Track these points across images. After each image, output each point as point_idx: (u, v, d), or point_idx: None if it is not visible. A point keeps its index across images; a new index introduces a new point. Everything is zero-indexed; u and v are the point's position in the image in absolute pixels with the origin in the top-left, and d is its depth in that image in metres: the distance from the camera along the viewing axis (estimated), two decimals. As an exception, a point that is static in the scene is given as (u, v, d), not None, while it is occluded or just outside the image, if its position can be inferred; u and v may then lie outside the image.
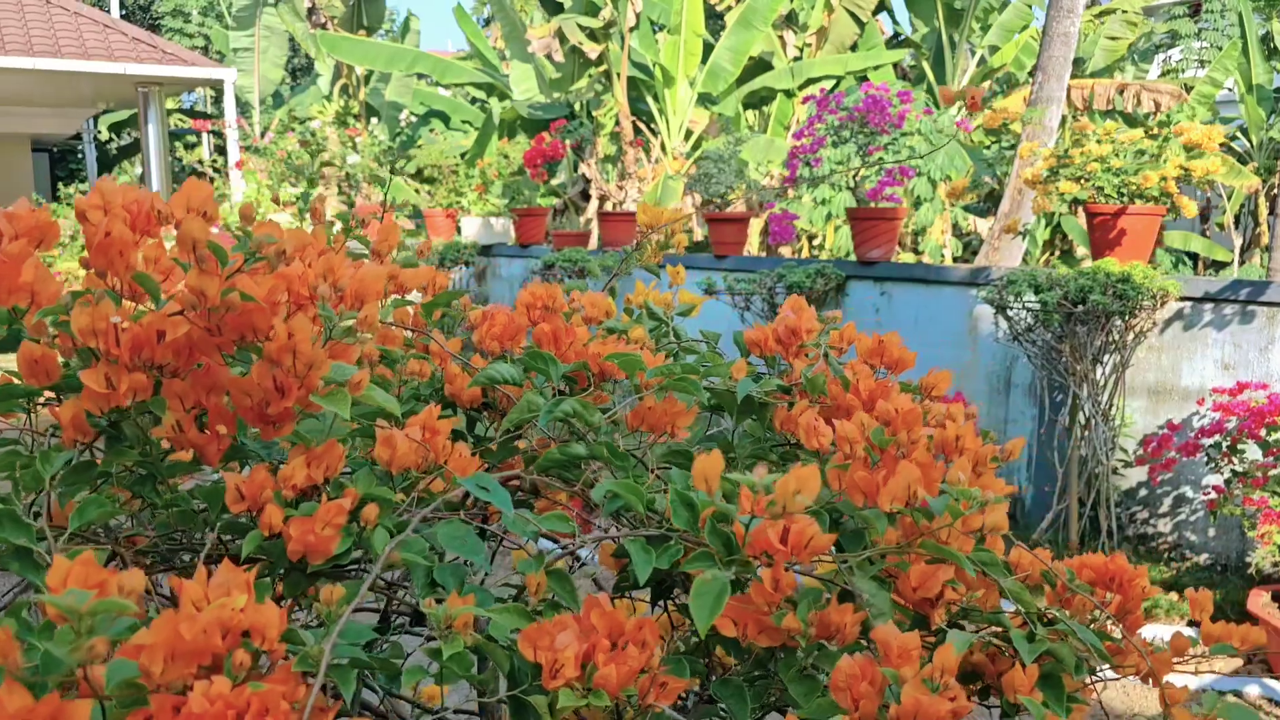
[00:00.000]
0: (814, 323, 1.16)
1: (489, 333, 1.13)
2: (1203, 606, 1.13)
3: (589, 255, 7.23)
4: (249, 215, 1.04)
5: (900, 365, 1.12)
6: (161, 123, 11.29)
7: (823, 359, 1.17)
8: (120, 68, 10.65)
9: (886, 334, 1.13)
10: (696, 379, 1.04)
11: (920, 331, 5.93)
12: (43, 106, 13.00)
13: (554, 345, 1.13)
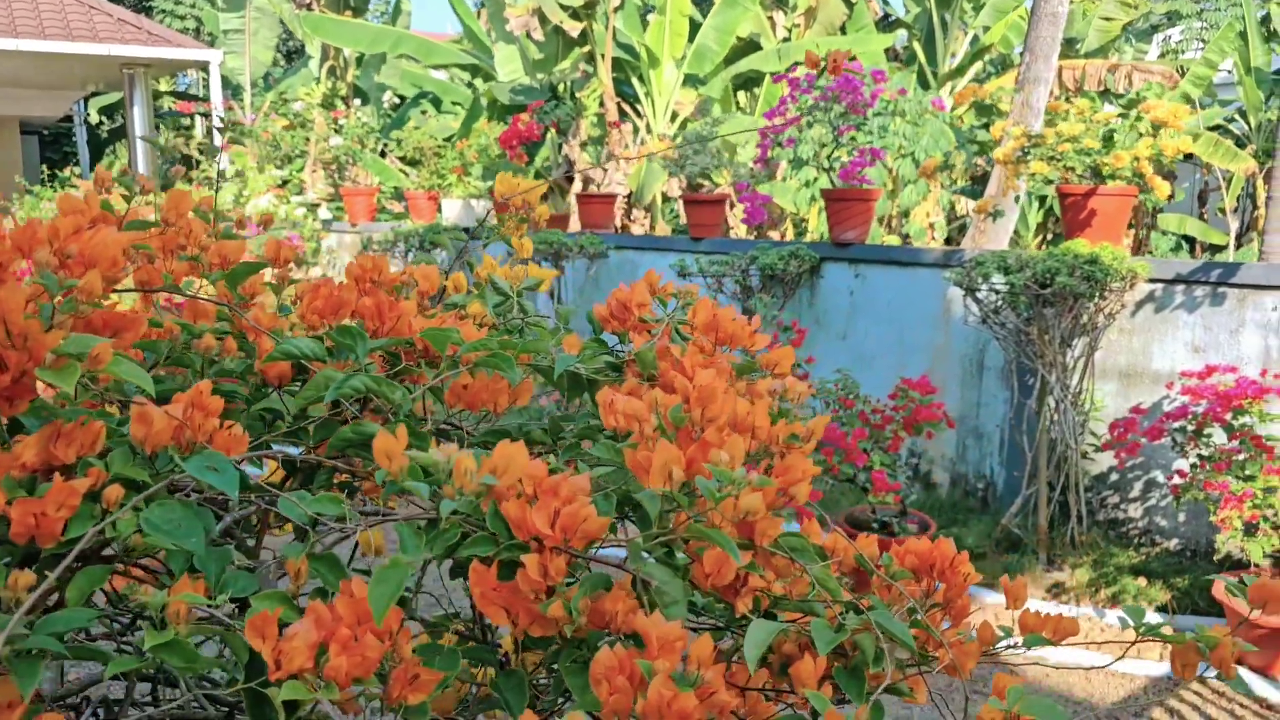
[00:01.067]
0: (645, 296, 1.11)
1: (311, 306, 1.08)
2: (1015, 595, 1.08)
3: (565, 237, 7.18)
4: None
5: (735, 340, 1.07)
6: (147, 105, 11.23)
7: (671, 335, 1.13)
8: (105, 49, 10.58)
9: (721, 309, 1.08)
10: (512, 355, 0.99)
11: (895, 314, 5.87)
12: (30, 88, 12.94)
13: (377, 320, 1.09)
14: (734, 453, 0.77)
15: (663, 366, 1.04)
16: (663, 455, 0.76)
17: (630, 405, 0.85)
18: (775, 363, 1.11)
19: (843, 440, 4.46)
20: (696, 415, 0.84)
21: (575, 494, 0.81)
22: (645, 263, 7.42)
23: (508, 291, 1.20)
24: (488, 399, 1.04)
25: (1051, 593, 4.72)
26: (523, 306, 1.21)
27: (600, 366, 1.05)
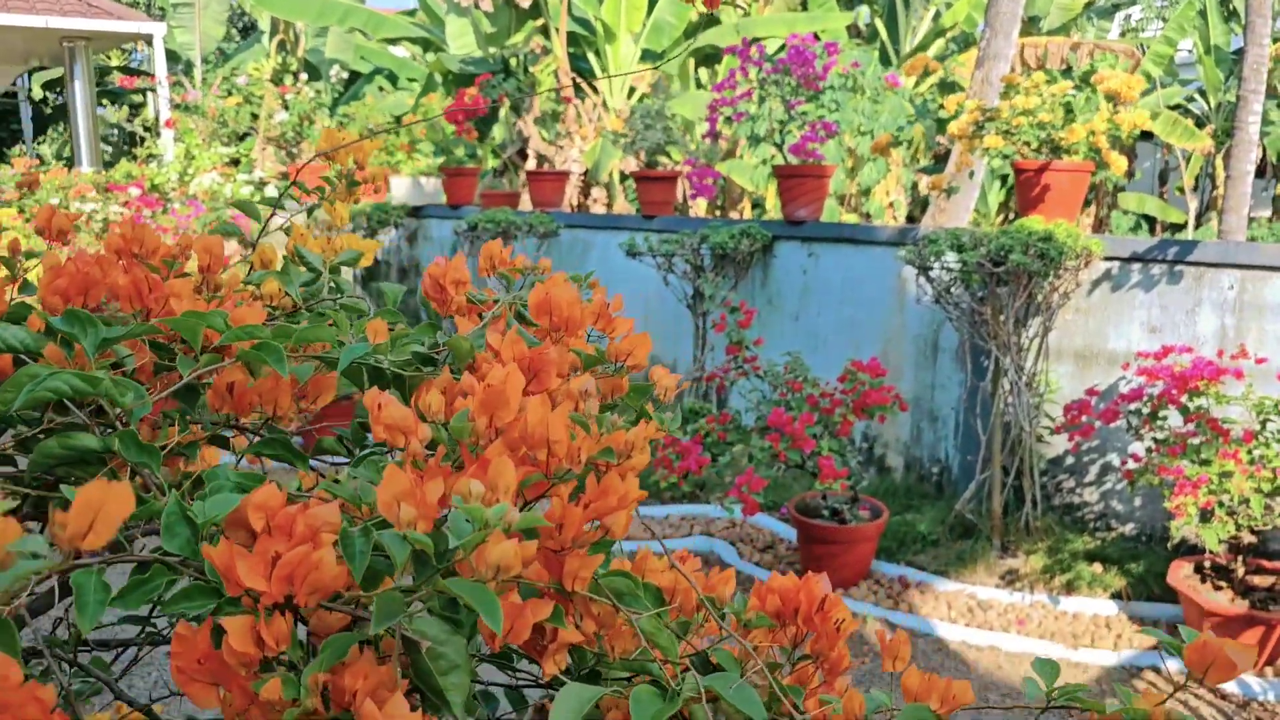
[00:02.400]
0: (462, 271, 0.92)
1: (52, 286, 0.88)
2: (894, 653, 0.91)
3: (514, 215, 6.96)
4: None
5: (573, 324, 0.89)
6: (88, 80, 10.85)
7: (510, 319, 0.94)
8: (41, 20, 10.20)
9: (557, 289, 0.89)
10: (282, 346, 0.80)
11: (849, 293, 5.72)
12: (-34, 62, 12.51)
13: (136, 301, 0.89)
14: (499, 480, 0.58)
15: (480, 360, 0.85)
16: (390, 487, 0.57)
17: (394, 414, 0.66)
18: (627, 352, 0.92)
19: (789, 425, 4.30)
20: (481, 425, 0.66)
21: (314, 532, 0.62)
22: (597, 242, 7.22)
23: (318, 267, 1.01)
24: (264, 400, 0.85)
25: (1005, 580, 4.59)
26: (337, 285, 1.02)
27: (407, 359, 0.86)
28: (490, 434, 0.66)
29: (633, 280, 6.85)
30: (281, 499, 0.65)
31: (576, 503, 0.66)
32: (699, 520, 5.37)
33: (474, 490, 0.57)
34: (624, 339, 0.92)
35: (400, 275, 8.88)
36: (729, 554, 4.99)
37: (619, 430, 0.68)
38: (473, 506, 0.55)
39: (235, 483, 0.72)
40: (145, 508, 0.69)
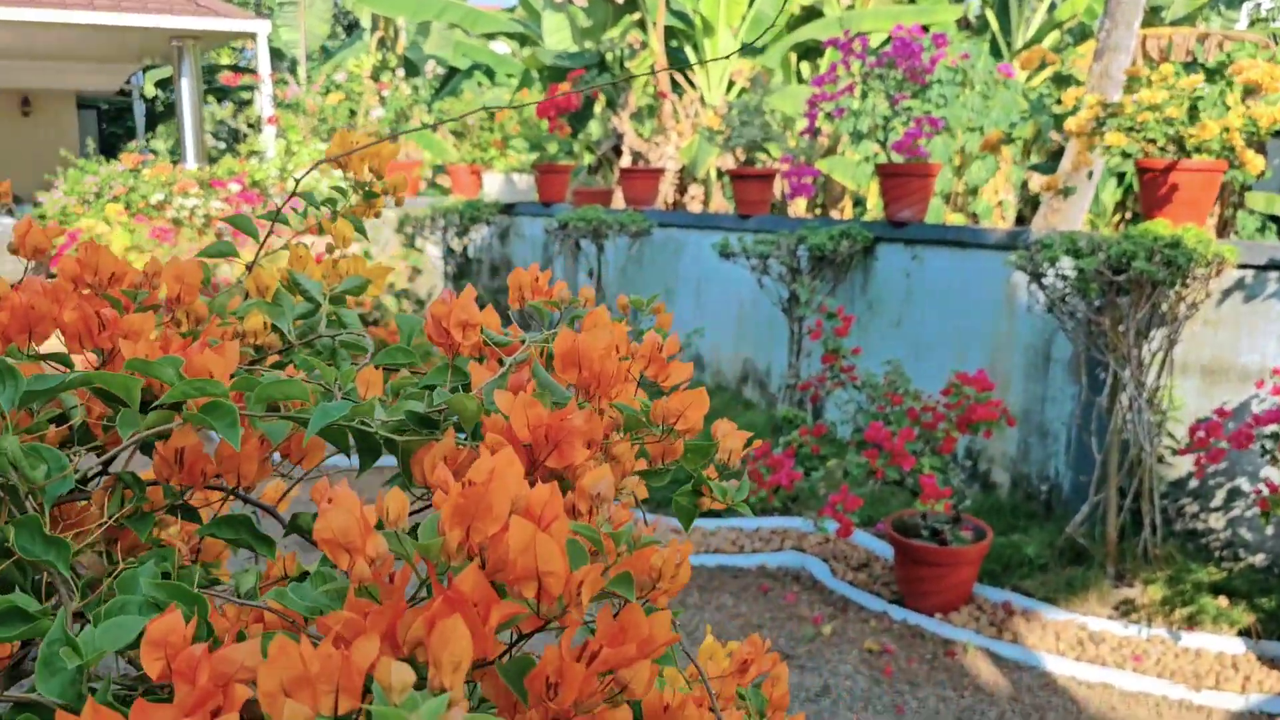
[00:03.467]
0: (470, 311, 0.74)
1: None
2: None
3: (606, 213, 6.81)
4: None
5: (605, 381, 0.70)
6: (196, 78, 11.08)
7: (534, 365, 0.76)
8: (154, 20, 10.44)
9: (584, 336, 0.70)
10: (230, 401, 0.63)
11: (955, 299, 5.41)
12: (84, 61, 12.91)
13: (87, 341, 0.74)
14: (442, 654, 0.39)
15: (486, 424, 0.67)
16: (274, 672, 0.38)
17: (336, 522, 0.49)
18: (678, 413, 0.74)
19: (888, 440, 4.04)
20: (453, 543, 0.48)
21: (220, 685, 0.45)
22: (690, 241, 7.03)
23: (316, 296, 0.85)
24: (224, 468, 0.69)
25: (1120, 611, 4.26)
26: (339, 318, 0.85)
27: (400, 419, 0.69)
28: (465, 554, 0.49)
29: (726, 282, 6.65)
30: (184, 634, 0.48)
31: (581, 651, 0.48)
32: (791, 534, 5.14)
33: (396, 681, 0.39)
34: (675, 396, 0.73)
35: (491, 273, 8.82)
36: (821, 571, 4.76)
37: (647, 547, 0.50)
38: (389, 712, 0.37)
39: (146, 599, 0.55)
40: (31, 626, 0.53)
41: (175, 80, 11.00)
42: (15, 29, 10.57)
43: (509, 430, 0.65)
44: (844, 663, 3.99)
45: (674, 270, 7.17)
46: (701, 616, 4.35)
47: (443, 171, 10.62)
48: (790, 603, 4.48)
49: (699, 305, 7.00)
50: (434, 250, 9.10)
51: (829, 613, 4.40)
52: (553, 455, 0.66)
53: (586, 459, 0.67)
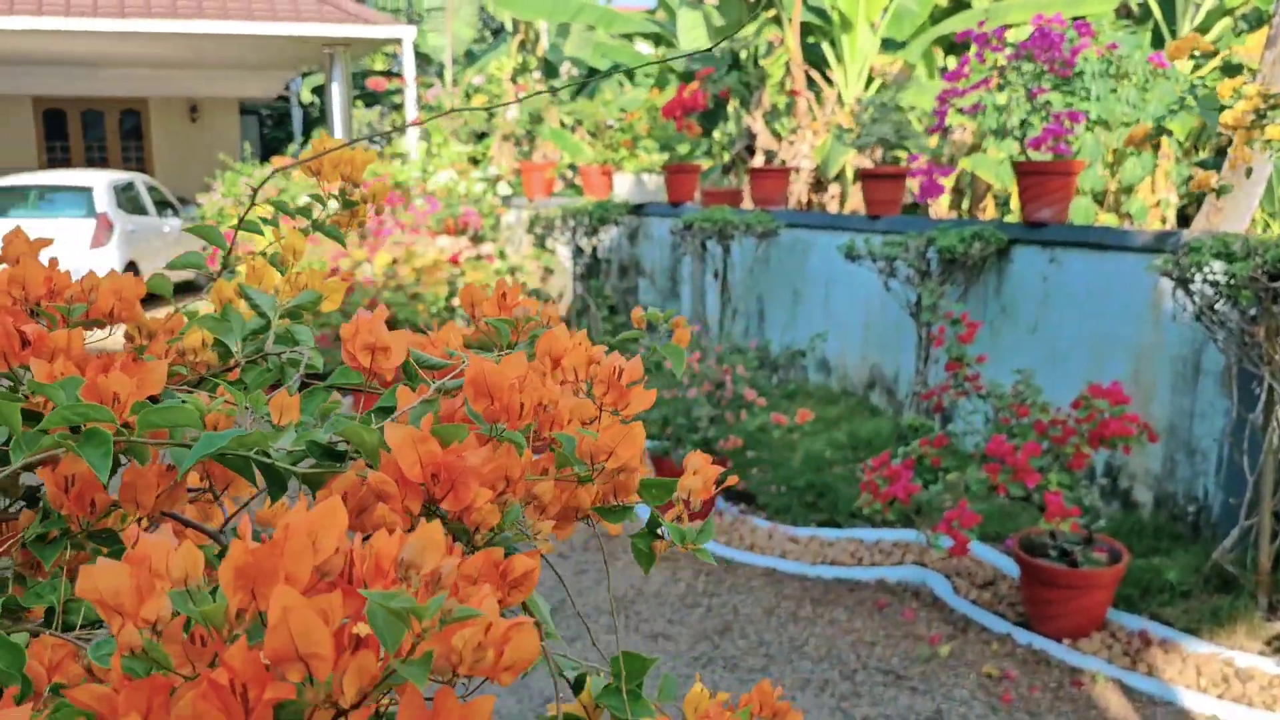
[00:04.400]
0: (376, 333, 0.67)
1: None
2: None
3: (732, 214, 6.71)
4: None
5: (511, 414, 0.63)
6: (346, 83, 11.51)
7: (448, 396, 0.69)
8: (308, 29, 10.90)
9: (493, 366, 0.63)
10: (105, 429, 0.59)
11: (1095, 304, 5.10)
12: (244, 69, 13.60)
13: (13, 359, 0.72)
14: None
15: (385, 460, 0.61)
16: None
17: (105, 582, 0.43)
18: (607, 450, 0.66)
19: (1011, 455, 3.82)
20: (232, 610, 0.41)
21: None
22: (818, 242, 6.86)
23: (266, 312, 0.80)
24: (124, 496, 0.65)
25: (1272, 647, 3.92)
26: (291, 334, 0.81)
27: (301, 451, 0.64)
28: (243, 623, 0.43)
29: (854, 284, 6.46)
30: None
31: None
32: (913, 548, 4.94)
33: None
34: (605, 431, 0.65)
35: (620, 274, 8.83)
36: (943, 588, 4.55)
37: (456, 622, 0.42)
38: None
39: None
40: None
41: (327, 86, 11.44)
42: (185, 40, 11.20)
43: (398, 469, 0.59)
44: (960, 686, 3.79)
45: (801, 272, 7.01)
46: (811, 631, 4.22)
47: (576, 172, 10.71)
48: (907, 620, 4.29)
49: (827, 308, 6.82)
50: (564, 251, 9.19)
51: (948, 632, 4.20)
52: (448, 497, 0.60)
53: (487, 500, 0.60)
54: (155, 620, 0.43)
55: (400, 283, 7.93)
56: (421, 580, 0.44)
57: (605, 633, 4.21)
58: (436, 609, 0.42)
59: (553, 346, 0.75)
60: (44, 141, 16.01)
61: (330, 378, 0.80)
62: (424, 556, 0.44)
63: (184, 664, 0.46)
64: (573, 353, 0.75)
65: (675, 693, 0.91)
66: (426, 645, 0.42)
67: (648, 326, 1.06)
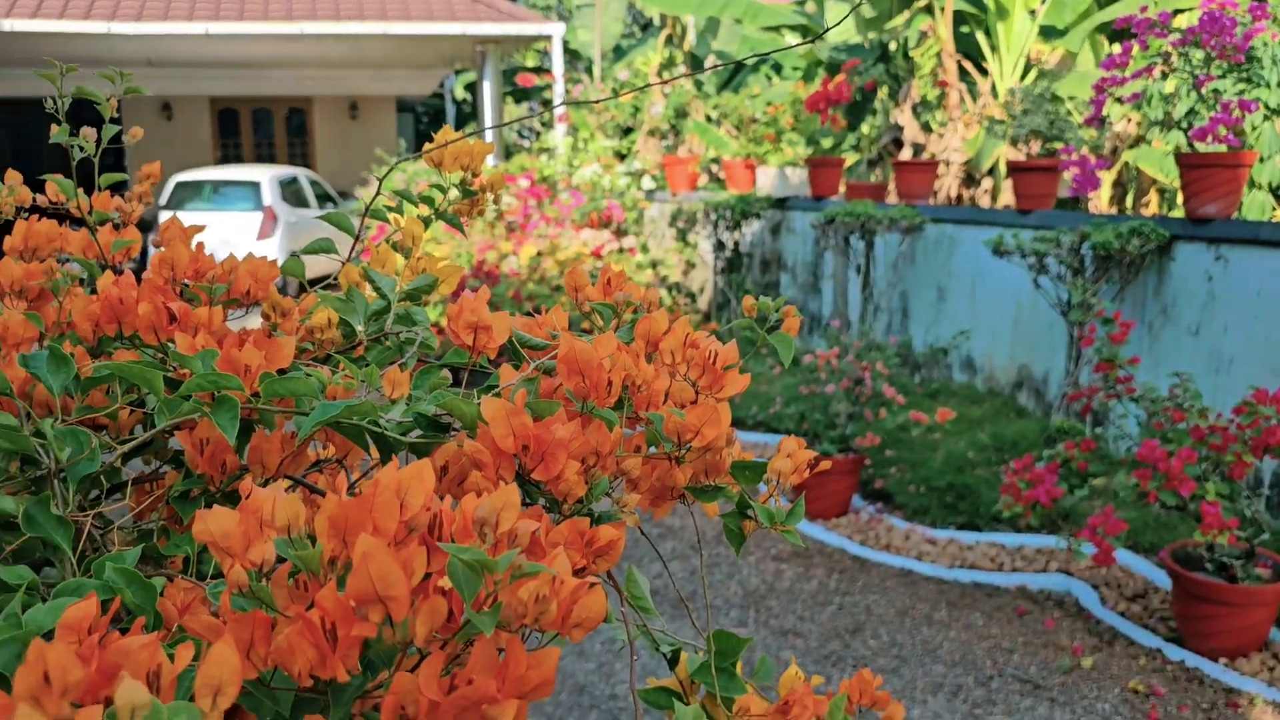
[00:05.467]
0: (478, 313, 0.71)
1: (86, 311, 0.80)
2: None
3: (875, 209, 6.59)
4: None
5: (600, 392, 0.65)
6: (496, 80, 11.82)
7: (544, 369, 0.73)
8: (460, 28, 11.24)
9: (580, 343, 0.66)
10: (234, 396, 0.65)
11: (1266, 307, 4.80)
12: (401, 68, 14.12)
13: (163, 333, 0.79)
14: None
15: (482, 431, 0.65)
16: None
17: (217, 525, 0.48)
18: (694, 429, 0.68)
19: (1164, 461, 3.65)
20: (324, 555, 0.45)
21: (107, 675, 0.46)
22: (964, 238, 6.68)
23: (387, 294, 0.85)
24: (252, 459, 0.71)
25: None
26: (409, 316, 0.85)
27: (409, 423, 0.68)
28: (339, 568, 0.47)
29: (1002, 281, 6.26)
30: (94, 621, 0.50)
31: (450, 682, 0.45)
32: (1058, 555, 4.77)
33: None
34: (691, 410, 0.67)
35: (763, 268, 8.80)
36: (1088, 598, 4.37)
37: (524, 578, 0.45)
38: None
39: (106, 582, 0.57)
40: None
41: (478, 82, 11.78)
42: (347, 41, 11.72)
43: (492, 440, 0.63)
44: (1103, 701, 3.65)
45: (946, 268, 6.84)
46: (946, 635, 4.13)
47: (720, 166, 10.71)
48: (1048, 629, 4.15)
49: (973, 305, 6.64)
50: (706, 245, 9.21)
51: (1092, 644, 4.04)
52: (539, 468, 0.63)
53: (575, 472, 0.63)
54: (261, 563, 0.48)
55: (544, 275, 8.10)
56: (496, 538, 0.47)
57: (735, 626, 4.22)
58: (507, 563, 0.45)
59: (651, 329, 0.78)
60: (218, 139, 17.03)
61: (444, 357, 0.85)
62: (498, 515, 0.47)
63: (288, 605, 0.51)
64: (671, 336, 0.77)
65: (771, 674, 0.92)
66: (499, 597, 0.45)
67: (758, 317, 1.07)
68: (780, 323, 1.03)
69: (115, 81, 1.15)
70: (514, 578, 0.45)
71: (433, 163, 0.94)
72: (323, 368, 0.82)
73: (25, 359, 0.70)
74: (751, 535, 0.82)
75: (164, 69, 13.85)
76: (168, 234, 0.98)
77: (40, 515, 0.62)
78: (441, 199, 0.96)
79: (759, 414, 6.57)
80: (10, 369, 0.72)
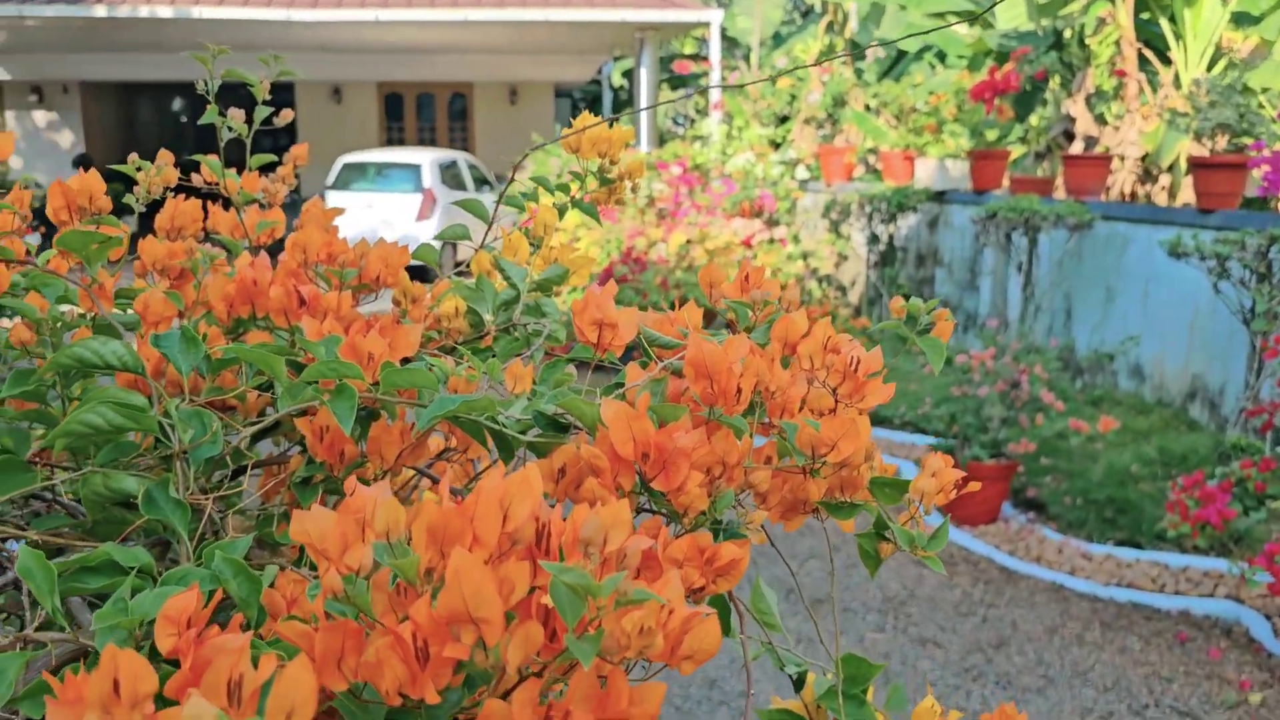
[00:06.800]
0: (604, 310, 0.67)
1: (222, 293, 0.80)
2: None
3: (1041, 204, 6.30)
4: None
5: (728, 398, 0.60)
6: (653, 67, 11.84)
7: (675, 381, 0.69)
8: (621, 14, 11.30)
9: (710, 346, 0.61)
10: (353, 386, 0.63)
11: None
12: (561, 54, 14.30)
13: (293, 316, 0.78)
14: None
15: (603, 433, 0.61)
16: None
17: (315, 526, 0.45)
18: (830, 443, 0.63)
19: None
20: (420, 566, 0.41)
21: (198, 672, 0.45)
22: (1138, 237, 6.31)
23: (517, 284, 0.83)
24: (370, 450, 0.69)
25: None
26: (539, 307, 0.83)
27: (529, 420, 0.65)
28: (434, 580, 0.44)
29: (1177, 284, 5.89)
30: (193, 614, 0.48)
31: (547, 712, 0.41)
32: (1227, 580, 4.45)
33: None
34: (828, 422, 0.62)
35: (917, 262, 8.54)
36: (1261, 629, 4.07)
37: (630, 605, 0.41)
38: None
39: (212, 572, 0.56)
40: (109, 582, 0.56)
41: (635, 69, 11.82)
42: (509, 28, 11.95)
43: (610, 445, 0.59)
44: (1271, 740, 3.39)
45: (1116, 268, 6.47)
46: (1098, 657, 3.91)
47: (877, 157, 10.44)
48: (1213, 659, 3.88)
49: (1144, 309, 6.26)
50: (859, 237, 9.00)
51: (1262, 679, 3.75)
52: (659, 477, 0.59)
53: (697, 484, 0.59)
54: (358, 568, 0.46)
55: (692, 263, 8.07)
56: (604, 556, 0.44)
57: (872, 631, 4.11)
58: (612, 588, 0.42)
59: (789, 331, 0.73)
60: (384, 122, 17.65)
61: (570, 351, 0.82)
62: (604, 534, 0.44)
63: (387, 612, 0.48)
64: (810, 339, 0.72)
65: (904, 704, 0.86)
66: (602, 623, 0.41)
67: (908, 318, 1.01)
68: (932, 325, 0.96)
69: (270, 65, 1.17)
70: (619, 604, 0.42)
71: (571, 149, 0.91)
72: (448, 358, 0.80)
73: (157, 338, 0.70)
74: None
75: (335, 54, 14.43)
76: (306, 216, 0.98)
77: (160, 497, 0.62)
78: (577, 187, 0.93)
79: (907, 413, 6.37)
80: (145, 348, 0.73)
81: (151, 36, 12.84)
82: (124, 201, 0.98)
